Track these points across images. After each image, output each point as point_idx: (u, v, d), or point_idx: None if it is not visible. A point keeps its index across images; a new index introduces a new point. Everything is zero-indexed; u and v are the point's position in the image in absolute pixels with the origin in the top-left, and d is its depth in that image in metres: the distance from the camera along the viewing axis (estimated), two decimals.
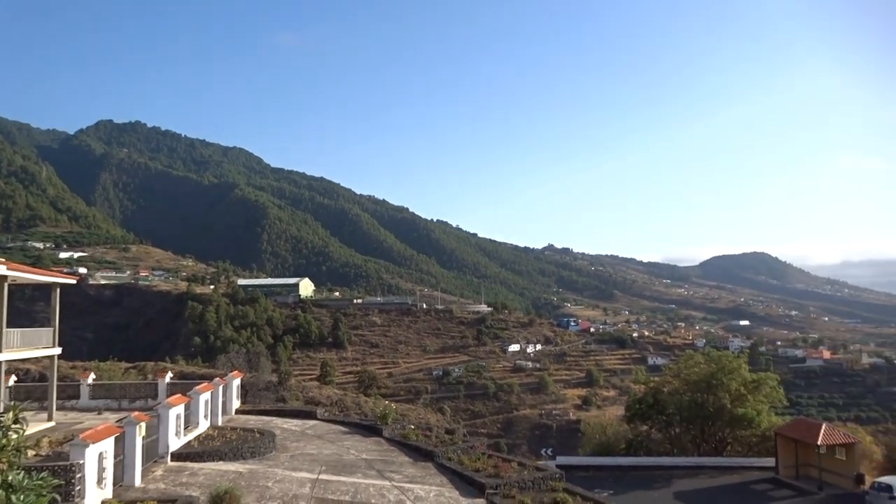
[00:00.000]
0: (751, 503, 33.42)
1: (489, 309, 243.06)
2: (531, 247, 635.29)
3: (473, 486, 22.02)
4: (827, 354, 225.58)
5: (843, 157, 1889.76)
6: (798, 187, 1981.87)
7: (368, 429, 32.87)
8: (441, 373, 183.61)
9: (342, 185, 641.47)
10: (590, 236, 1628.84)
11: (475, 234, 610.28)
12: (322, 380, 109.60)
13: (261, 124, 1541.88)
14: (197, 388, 29.13)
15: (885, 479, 32.73)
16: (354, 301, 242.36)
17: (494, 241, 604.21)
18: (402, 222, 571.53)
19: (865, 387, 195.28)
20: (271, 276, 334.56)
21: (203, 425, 29.13)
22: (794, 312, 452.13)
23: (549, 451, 54.54)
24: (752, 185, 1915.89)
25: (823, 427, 37.55)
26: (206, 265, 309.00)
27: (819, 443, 35.95)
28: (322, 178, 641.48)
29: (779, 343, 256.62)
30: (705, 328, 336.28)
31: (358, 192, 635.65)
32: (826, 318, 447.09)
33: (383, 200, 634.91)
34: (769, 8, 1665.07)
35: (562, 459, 42.81)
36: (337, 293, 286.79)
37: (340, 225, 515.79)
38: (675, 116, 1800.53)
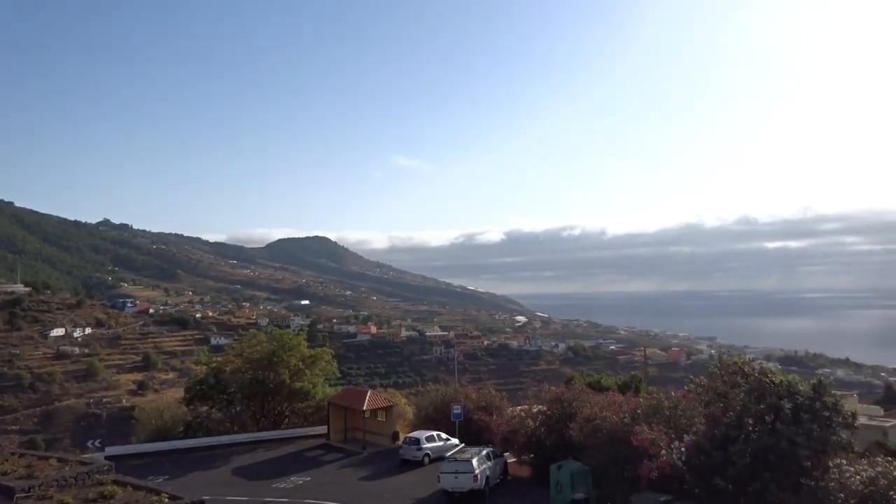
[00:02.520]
0: (303, 468, 35.42)
1: (27, 289, 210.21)
2: (83, 221, 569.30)
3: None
4: (374, 330, 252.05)
5: (394, 157, 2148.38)
6: (357, 180, 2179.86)
7: None
8: None
9: None
10: (153, 213, 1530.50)
11: (11, 203, 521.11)
12: None
13: None
14: None
15: (415, 433, 37.93)
16: None
17: (36, 213, 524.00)
18: None
19: (403, 356, 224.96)
20: None
21: None
22: (348, 293, 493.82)
23: (97, 443, 50.04)
24: (313, 173, 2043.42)
25: (369, 394, 41.91)
26: None
27: (364, 408, 40.07)
28: None
29: (334, 320, 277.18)
30: (269, 308, 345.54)
31: None
32: (374, 298, 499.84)
33: None
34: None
35: (112, 450, 39.53)
36: None
37: None
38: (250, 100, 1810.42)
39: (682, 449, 22.80)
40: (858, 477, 18.99)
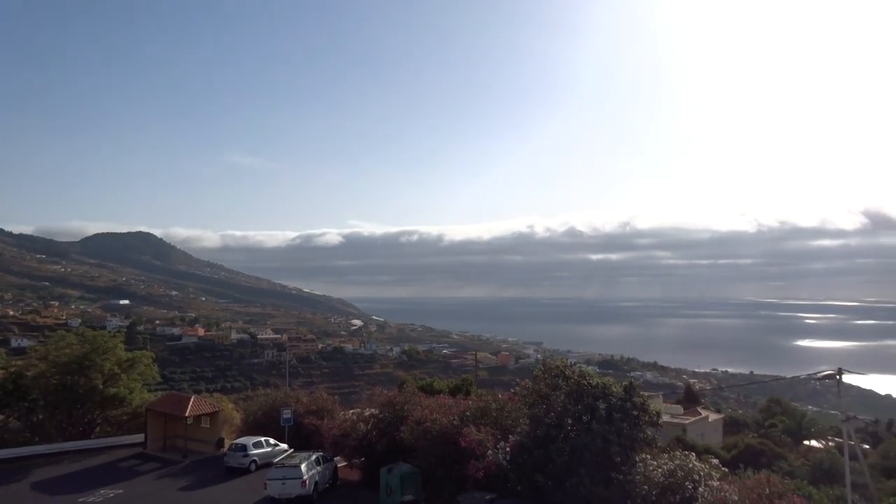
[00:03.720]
0: (115, 480, 32.87)
1: None
2: None
3: None
4: (202, 332, 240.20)
5: (230, 153, 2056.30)
6: (189, 175, 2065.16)
7: None
8: None
9: None
10: None
11: None
12: None
13: None
14: None
15: (241, 440, 36.54)
16: None
17: None
18: None
19: (232, 359, 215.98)
20: None
21: None
22: (174, 293, 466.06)
23: None
24: (138, 165, 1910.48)
25: (192, 399, 39.76)
26: None
27: (187, 414, 37.95)
28: None
29: (157, 322, 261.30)
30: (82, 308, 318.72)
31: None
32: (204, 298, 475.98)
33: None
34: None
35: None
36: None
37: None
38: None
39: (507, 449, 23.72)
40: (660, 470, 20.78)
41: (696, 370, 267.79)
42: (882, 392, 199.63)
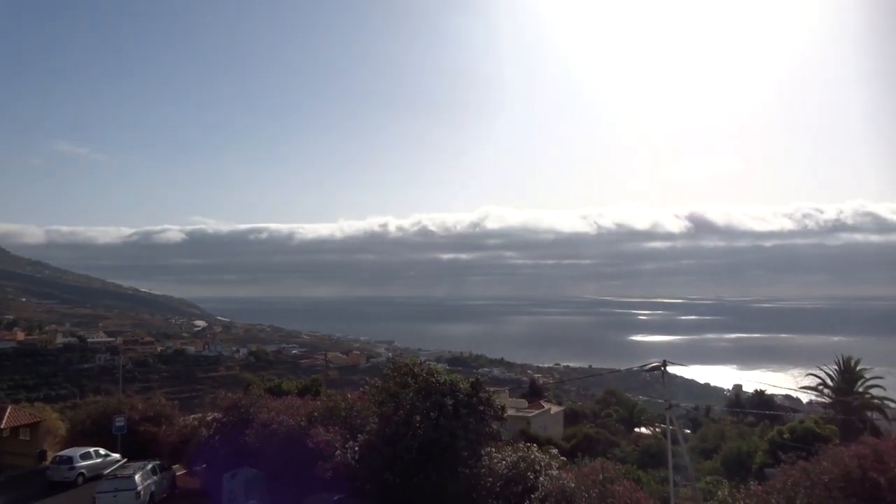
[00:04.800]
0: None
1: None
2: None
3: None
4: (21, 336, 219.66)
5: (56, 142, 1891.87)
6: (7, 164, 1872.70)
7: None
8: None
9: None
10: None
11: None
12: None
13: None
14: None
15: (67, 451, 33.66)
16: None
17: None
18: None
19: (58, 365, 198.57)
20: None
21: None
22: None
23: None
24: None
25: (9, 410, 36.19)
26: None
27: (2, 426, 34.45)
28: None
29: None
30: None
31: None
32: (24, 299, 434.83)
33: None
34: None
35: None
36: None
37: None
38: None
39: (356, 448, 23.61)
40: (504, 462, 21.58)
41: (541, 365, 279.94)
42: (702, 381, 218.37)
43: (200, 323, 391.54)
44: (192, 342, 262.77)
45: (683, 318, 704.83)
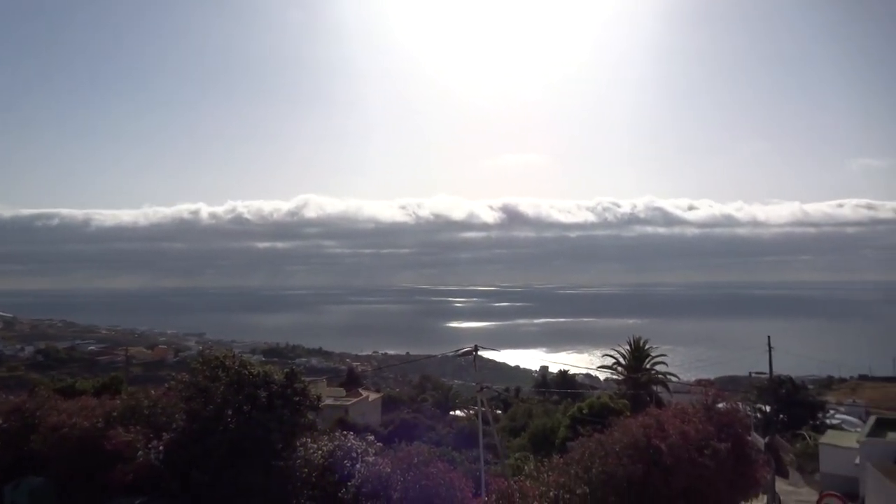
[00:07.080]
0: None
1: None
2: None
3: None
4: None
5: None
6: None
7: None
8: None
9: None
10: None
11: None
12: None
13: None
14: None
15: None
16: None
17: None
18: None
19: None
20: None
21: None
22: None
23: None
24: None
25: None
26: None
27: None
28: None
29: None
30: None
31: None
32: None
33: None
34: None
35: None
36: None
37: None
38: None
39: (161, 447, 22.30)
40: (320, 452, 21.47)
41: (359, 353, 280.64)
42: (512, 364, 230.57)
43: None
44: None
45: (496, 304, 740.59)
